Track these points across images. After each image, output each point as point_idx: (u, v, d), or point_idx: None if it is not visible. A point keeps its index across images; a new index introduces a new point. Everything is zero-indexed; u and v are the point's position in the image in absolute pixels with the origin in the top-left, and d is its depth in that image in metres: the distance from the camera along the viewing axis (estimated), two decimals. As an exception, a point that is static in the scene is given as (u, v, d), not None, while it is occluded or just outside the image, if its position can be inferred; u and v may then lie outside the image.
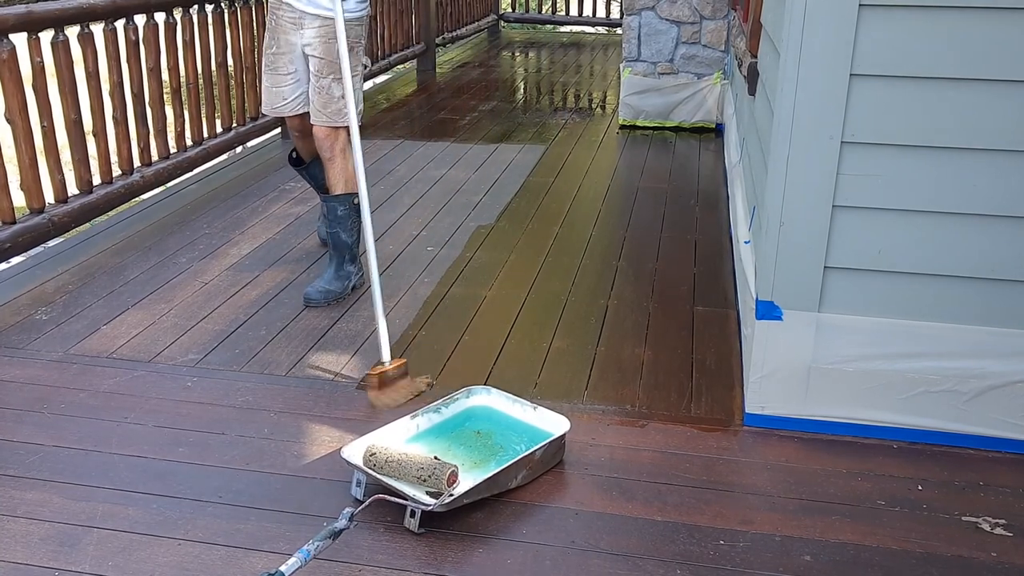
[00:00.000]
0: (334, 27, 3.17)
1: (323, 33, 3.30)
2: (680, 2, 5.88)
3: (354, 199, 3.36)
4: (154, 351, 3.02)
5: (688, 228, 4.26)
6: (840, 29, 2.27)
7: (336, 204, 3.40)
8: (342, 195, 3.39)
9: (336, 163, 3.39)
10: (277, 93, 3.45)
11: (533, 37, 10.86)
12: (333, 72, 3.30)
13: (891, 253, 2.42)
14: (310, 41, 3.33)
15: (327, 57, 3.31)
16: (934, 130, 2.32)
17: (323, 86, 3.33)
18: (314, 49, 3.33)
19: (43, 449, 2.48)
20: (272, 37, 3.39)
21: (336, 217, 3.40)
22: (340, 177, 3.40)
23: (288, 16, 3.32)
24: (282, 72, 3.41)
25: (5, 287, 3.53)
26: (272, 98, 3.47)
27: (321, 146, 3.39)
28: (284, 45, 3.36)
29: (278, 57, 3.39)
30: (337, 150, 3.39)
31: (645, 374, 2.92)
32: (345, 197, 3.39)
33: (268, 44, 3.41)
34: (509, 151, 5.59)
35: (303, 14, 3.30)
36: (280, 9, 3.33)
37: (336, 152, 3.39)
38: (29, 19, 3.53)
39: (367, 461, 2.25)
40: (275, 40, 3.38)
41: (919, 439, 2.54)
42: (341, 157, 3.39)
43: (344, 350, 3.06)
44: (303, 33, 3.33)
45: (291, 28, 3.34)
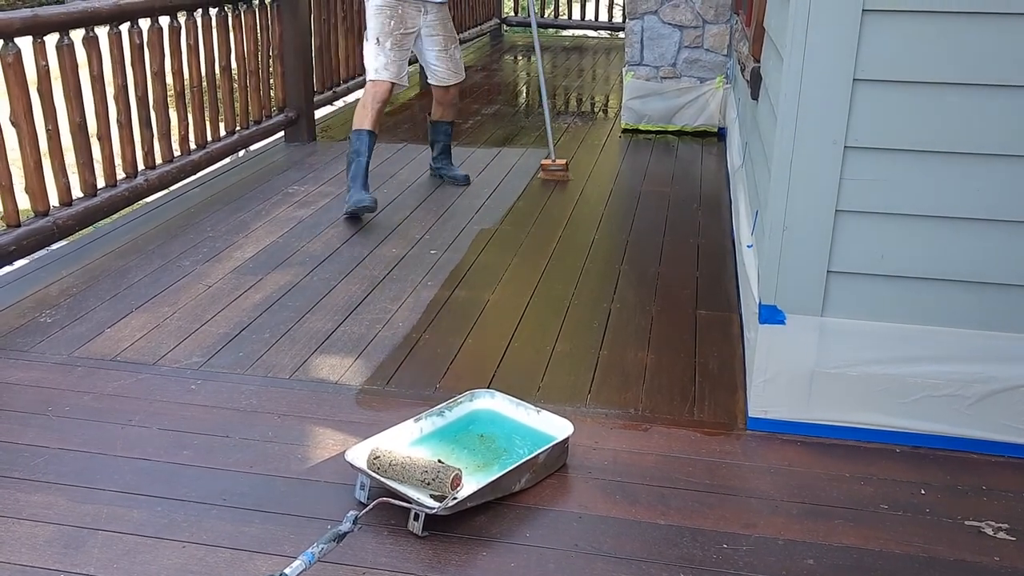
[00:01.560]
0: (446, 10, 4.53)
1: (442, 16, 4.52)
2: (683, 6, 5.89)
3: None
4: (158, 354, 3.03)
5: (691, 232, 4.27)
6: (843, 34, 2.27)
7: (450, 127, 4.94)
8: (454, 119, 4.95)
9: (455, 104, 4.84)
10: (401, 66, 4.44)
11: (536, 41, 10.85)
12: (454, 42, 4.62)
13: (894, 257, 2.43)
14: (433, 23, 4.48)
15: (448, 33, 4.57)
16: (937, 135, 2.32)
17: (451, 54, 4.60)
18: (437, 29, 4.50)
19: (48, 451, 2.48)
20: (400, 21, 4.36)
21: (448, 133, 4.94)
22: (456, 112, 4.94)
23: (413, 6, 4.40)
24: (406, 48, 4.44)
25: (10, 290, 3.54)
26: (396, 69, 4.41)
27: (451, 100, 4.78)
28: (411, 26, 4.39)
29: (406, 36, 4.40)
30: (455, 96, 4.80)
31: (648, 378, 2.93)
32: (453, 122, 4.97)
33: (395, 26, 4.33)
34: (512, 155, 5.60)
35: (425, 3, 4.42)
36: (405, 2, 4.36)
37: (455, 98, 4.81)
38: (34, 23, 3.55)
39: (371, 464, 2.26)
40: (403, 23, 4.37)
41: (922, 443, 2.55)
42: (458, 99, 4.87)
43: (348, 353, 3.06)
44: (426, 17, 4.46)
45: (416, 14, 4.42)
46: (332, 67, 6.27)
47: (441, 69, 4.59)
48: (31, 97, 3.57)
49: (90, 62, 3.94)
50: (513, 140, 5.99)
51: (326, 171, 5.19)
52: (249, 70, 5.21)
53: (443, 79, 4.63)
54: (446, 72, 4.60)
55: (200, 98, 4.86)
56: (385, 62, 4.36)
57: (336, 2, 6.22)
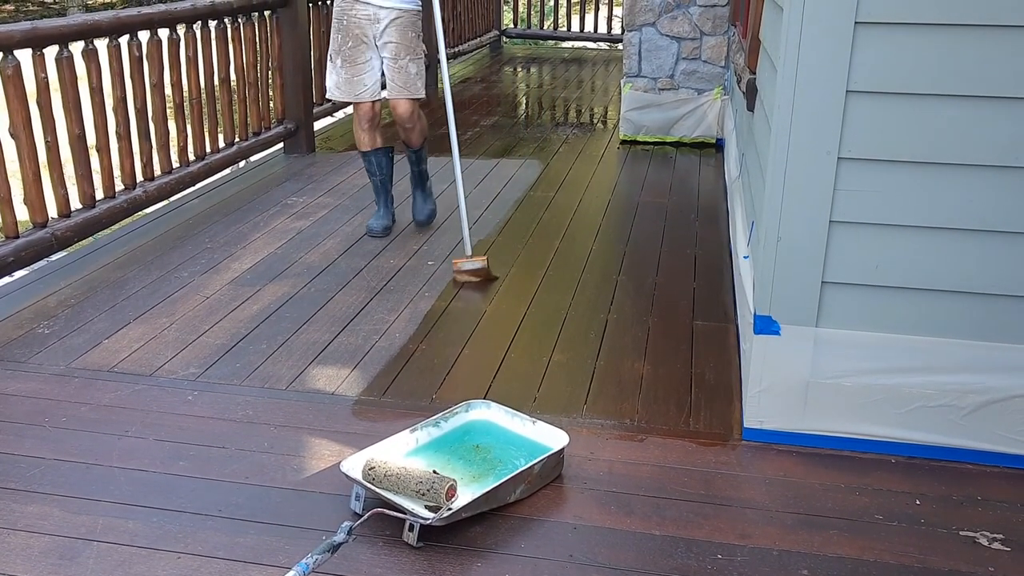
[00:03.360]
0: (407, 18, 4.01)
1: (399, 23, 4.02)
2: (680, 18, 5.92)
3: (425, 146, 4.42)
4: (155, 365, 3.04)
5: (688, 243, 4.28)
6: (836, 46, 2.29)
7: (422, 151, 4.40)
8: (423, 145, 4.38)
9: (416, 128, 4.25)
10: (359, 82, 4.07)
11: (535, 52, 10.92)
12: (409, 54, 4.05)
13: (888, 268, 2.43)
14: (386, 30, 4.00)
15: (403, 41, 4.03)
16: (930, 146, 2.33)
17: (401, 66, 4.05)
18: (390, 36, 4.01)
19: (44, 462, 2.49)
20: (347, 34, 4.01)
21: (422, 157, 4.41)
22: (420, 135, 4.32)
23: (363, 14, 3.99)
24: (360, 62, 4.04)
25: (8, 301, 3.55)
26: (354, 87, 4.08)
27: (404, 118, 4.16)
28: (360, 38, 4.00)
29: (356, 49, 4.02)
30: (416, 118, 4.21)
31: (644, 388, 2.93)
32: (424, 146, 4.39)
33: (343, 41, 4.01)
34: (510, 166, 5.62)
35: (379, 8, 3.97)
36: (352, 9, 3.98)
37: (415, 119, 4.21)
38: (34, 35, 3.57)
39: (366, 475, 2.26)
40: (350, 36, 4.00)
41: (917, 454, 2.55)
42: (419, 122, 4.24)
43: (344, 364, 3.07)
44: (378, 27, 4.00)
45: (366, 23, 4.00)
46: (331, 79, 6.28)
47: (389, 81, 4.12)
48: (30, 109, 3.59)
49: (89, 74, 3.96)
50: (511, 151, 6.01)
51: (325, 182, 5.21)
52: (248, 82, 5.23)
53: (391, 93, 4.14)
54: (392, 85, 4.10)
55: (199, 110, 4.88)
56: (337, 80, 4.10)
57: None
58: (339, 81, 4.08)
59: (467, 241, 3.94)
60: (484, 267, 3.77)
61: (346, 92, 4.10)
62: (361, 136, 4.25)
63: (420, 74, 4.11)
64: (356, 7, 3.96)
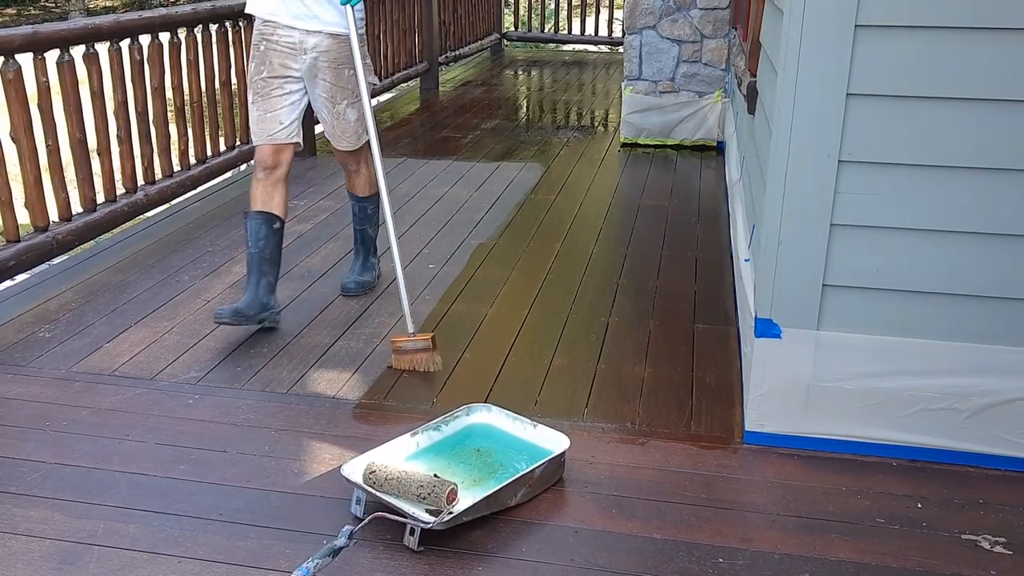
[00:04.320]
0: (341, 48, 3.21)
1: (331, 58, 3.23)
2: (681, 21, 5.92)
3: (377, 199, 3.62)
4: (156, 368, 3.04)
5: (689, 246, 4.28)
6: (837, 49, 2.29)
7: (367, 204, 3.67)
8: (370, 196, 3.65)
9: (361, 173, 3.61)
10: (273, 118, 3.26)
11: (536, 55, 10.92)
12: (347, 97, 3.31)
13: (889, 271, 2.43)
14: (316, 66, 3.22)
15: (337, 82, 3.27)
16: (931, 149, 2.33)
17: (339, 112, 3.34)
18: (322, 75, 3.25)
19: (45, 466, 2.49)
20: (263, 62, 3.22)
21: (366, 215, 3.68)
22: (365, 183, 3.63)
23: (286, 41, 3.19)
24: (276, 95, 3.25)
25: (9, 305, 3.55)
26: (267, 125, 3.26)
27: (345, 162, 3.57)
28: (279, 68, 3.22)
29: (270, 81, 3.23)
30: (361, 162, 3.58)
31: (645, 392, 2.93)
32: (372, 198, 3.65)
33: (257, 70, 3.24)
34: (511, 169, 5.62)
35: (305, 35, 3.18)
36: (275, 34, 3.19)
37: (361, 164, 3.58)
38: (35, 39, 3.57)
39: (367, 479, 2.26)
40: (267, 64, 3.22)
41: (918, 457, 2.55)
42: (365, 167, 3.59)
43: (345, 368, 3.07)
44: (305, 58, 3.21)
45: (288, 52, 3.20)
46: (332, 82, 6.28)
47: (325, 123, 3.41)
48: (31, 113, 3.59)
49: (90, 78, 3.96)
50: (512, 154, 6.01)
51: (325, 186, 5.21)
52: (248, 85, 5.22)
53: (330, 137, 3.45)
54: (331, 129, 3.40)
55: (200, 113, 4.88)
56: (251, 119, 3.30)
57: (336, 18, 6.24)
58: (253, 120, 3.29)
59: (408, 317, 3.18)
60: (428, 347, 3.05)
61: (259, 133, 3.27)
62: (255, 188, 3.30)
63: (362, 119, 3.33)
64: (278, 32, 3.18)
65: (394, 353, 3.09)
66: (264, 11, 3.20)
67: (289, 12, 3.18)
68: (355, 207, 3.69)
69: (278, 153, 3.29)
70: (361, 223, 3.70)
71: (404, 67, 7.67)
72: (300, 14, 3.17)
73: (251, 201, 3.30)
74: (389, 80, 7.32)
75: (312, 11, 3.17)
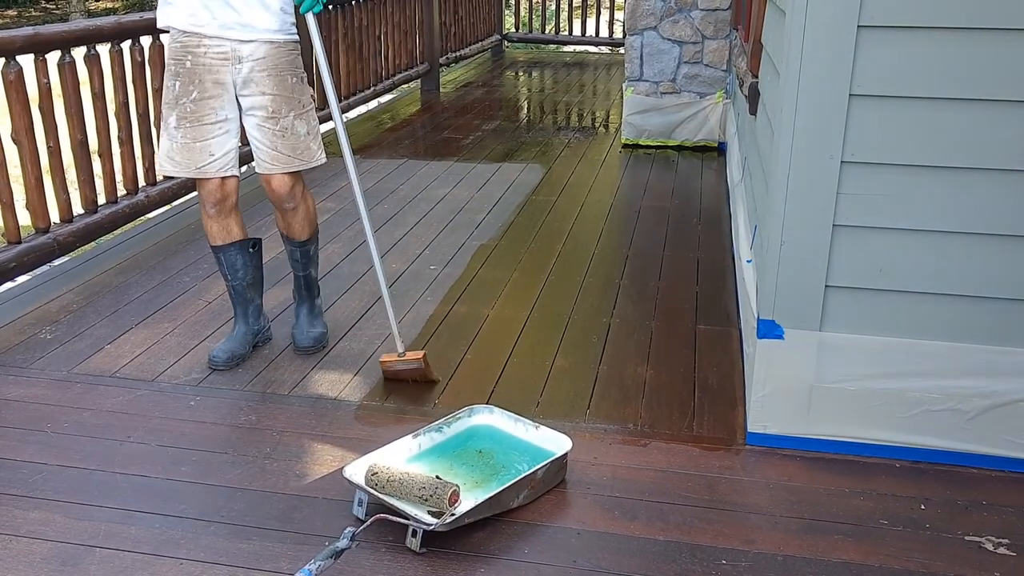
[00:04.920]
0: (282, 55, 2.81)
1: (270, 65, 2.79)
2: (682, 22, 5.91)
3: (318, 241, 3.20)
4: (157, 370, 3.03)
5: (691, 247, 4.27)
6: (839, 50, 2.28)
7: (309, 246, 3.14)
8: (313, 236, 3.14)
9: (300, 209, 3.03)
10: (203, 148, 2.82)
11: (536, 57, 10.92)
12: (293, 108, 2.85)
13: (892, 272, 2.43)
14: (251, 77, 2.79)
15: (281, 91, 2.81)
16: (934, 150, 2.33)
17: (284, 127, 2.84)
18: (263, 86, 2.80)
19: (47, 468, 2.48)
20: (190, 81, 2.78)
21: (309, 258, 3.15)
22: (305, 221, 3.08)
23: (216, 51, 2.76)
24: (208, 122, 2.81)
25: (10, 306, 3.54)
26: (195, 156, 2.83)
27: (282, 197, 2.96)
28: (211, 87, 2.78)
29: (202, 104, 2.79)
30: (300, 196, 3.01)
31: (647, 393, 2.92)
32: (314, 237, 3.15)
33: (182, 91, 2.79)
34: (512, 170, 5.62)
35: (238, 44, 2.76)
36: (200, 46, 2.76)
37: (299, 198, 3.01)
38: (36, 40, 3.57)
39: (369, 480, 2.26)
40: (195, 83, 2.78)
41: (922, 458, 2.54)
42: (304, 201, 3.04)
43: (347, 369, 3.06)
44: (240, 68, 2.78)
45: (220, 65, 2.77)
46: (333, 83, 6.28)
47: (261, 147, 2.88)
48: (32, 114, 3.59)
49: (91, 79, 3.96)
50: (514, 155, 6.01)
51: (327, 186, 5.21)
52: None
53: (262, 162, 2.91)
54: (271, 154, 2.87)
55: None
56: (169, 148, 2.85)
57: (336, 19, 6.26)
58: (172, 148, 2.84)
59: (396, 336, 2.99)
60: (420, 367, 2.91)
61: (183, 164, 2.85)
62: (209, 225, 2.99)
63: (314, 132, 2.92)
64: (204, 43, 2.75)
65: (384, 375, 2.95)
66: (184, 22, 2.76)
67: (216, 20, 2.74)
68: (295, 252, 3.13)
69: (224, 184, 2.92)
70: (304, 267, 3.17)
71: (405, 68, 7.67)
72: (229, 23, 2.74)
73: (209, 237, 3.02)
74: (390, 81, 7.33)
75: (244, 18, 2.74)
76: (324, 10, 6.01)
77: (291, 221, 3.07)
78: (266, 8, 2.77)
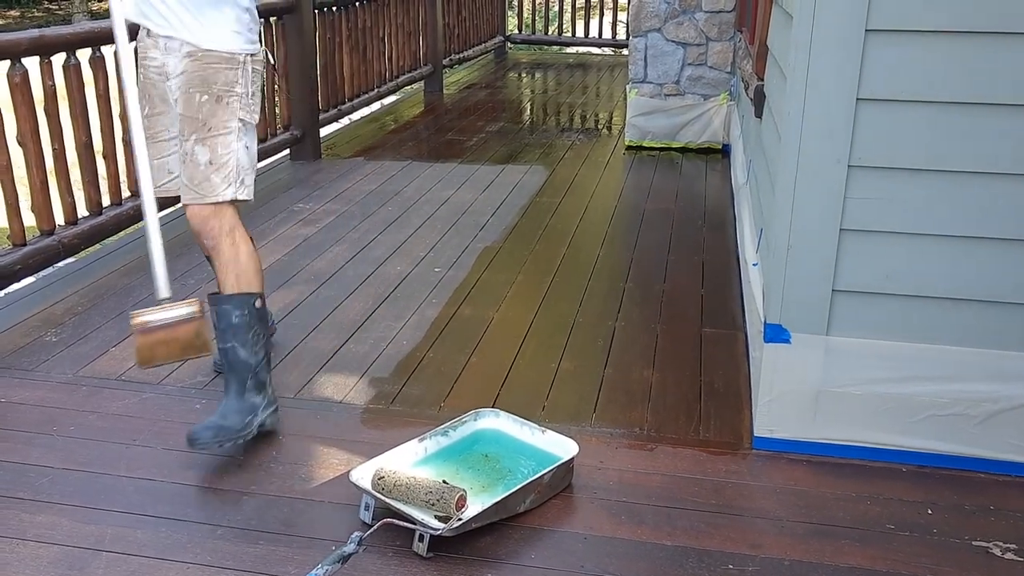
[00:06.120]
0: (197, 69, 2.47)
1: (186, 80, 2.49)
2: (686, 24, 5.91)
3: (254, 300, 2.51)
4: (162, 373, 3.03)
5: (695, 249, 4.27)
6: (846, 54, 2.28)
7: (230, 308, 2.48)
8: (236, 296, 2.50)
9: (223, 252, 2.52)
10: (160, 166, 2.64)
11: (539, 58, 10.92)
12: (196, 131, 2.48)
13: (899, 276, 2.42)
14: (174, 86, 2.53)
15: (187, 111, 2.49)
16: (942, 154, 2.32)
17: (186, 151, 2.51)
18: (179, 103, 2.51)
19: (53, 472, 2.48)
20: (144, 95, 2.60)
21: (230, 326, 2.48)
22: (230, 271, 2.51)
23: (153, 62, 2.54)
24: (162, 139, 2.64)
25: (15, 308, 3.54)
26: (155, 174, 2.61)
27: (199, 231, 2.55)
28: (159, 104, 2.60)
29: (154, 120, 2.62)
30: (221, 234, 2.51)
31: (653, 396, 2.92)
32: (241, 299, 2.49)
33: (141, 105, 2.57)
34: (516, 172, 5.61)
35: (166, 55, 2.52)
36: (146, 58, 2.56)
37: (221, 237, 2.51)
38: (41, 43, 3.57)
39: (376, 485, 2.25)
40: (146, 98, 2.60)
41: (929, 463, 2.53)
42: (229, 243, 2.51)
43: (352, 372, 3.06)
44: (170, 85, 2.54)
45: (157, 77, 2.56)
46: (337, 85, 6.29)
47: (181, 170, 2.57)
48: (37, 117, 3.59)
49: (96, 81, 3.96)
50: (517, 157, 6.01)
51: (331, 188, 5.21)
52: (254, 89, 5.22)
53: (180, 188, 2.60)
54: (181, 181, 2.57)
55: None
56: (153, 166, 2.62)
57: (341, 21, 6.26)
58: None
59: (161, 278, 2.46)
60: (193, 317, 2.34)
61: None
62: None
63: (220, 163, 2.48)
64: (150, 54, 2.55)
65: (139, 336, 2.34)
66: (132, 11, 2.52)
67: (155, 11, 2.49)
68: (212, 313, 2.52)
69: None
70: (226, 338, 2.50)
71: (408, 70, 7.67)
72: (162, 14, 2.49)
73: None
74: (393, 83, 7.33)
75: (172, 11, 2.47)
76: (328, 11, 6.01)
77: (214, 264, 2.56)
78: (195, 15, 2.47)
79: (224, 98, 2.48)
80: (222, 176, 2.49)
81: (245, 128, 2.55)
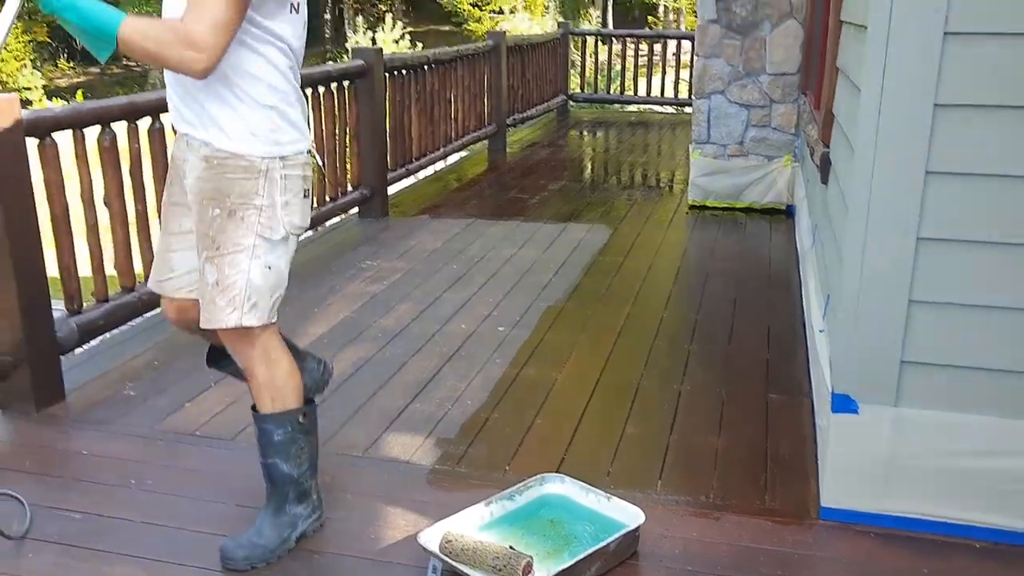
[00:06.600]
0: (217, 175, 2.18)
1: (202, 188, 2.22)
2: (750, 86, 5.96)
3: (298, 416, 2.39)
4: (236, 429, 3.11)
5: (761, 311, 4.26)
6: (915, 127, 2.29)
7: (271, 427, 2.37)
8: (276, 415, 2.37)
9: (256, 376, 2.35)
10: (163, 261, 2.42)
11: (601, 116, 11.04)
12: (206, 248, 2.23)
13: (971, 349, 2.40)
14: (190, 190, 2.27)
15: (200, 226, 2.24)
16: (1012, 227, 2.31)
17: (199, 268, 2.29)
18: (194, 212, 2.27)
19: (132, 525, 2.56)
20: (169, 180, 2.39)
21: (272, 443, 2.38)
22: (265, 393, 2.36)
23: (179, 151, 2.29)
24: (172, 231, 2.39)
25: (97, 362, 3.68)
26: (157, 266, 2.45)
27: (232, 353, 2.39)
28: (178, 193, 2.35)
29: (170, 209, 2.39)
30: (252, 360, 2.34)
31: (719, 463, 2.91)
32: (282, 417, 2.37)
33: (166, 189, 2.42)
34: (578, 230, 5.67)
35: (188, 142, 2.24)
36: (176, 146, 2.31)
37: (253, 363, 2.34)
38: (131, 109, 3.74)
39: (443, 548, 2.29)
40: (170, 184, 2.38)
41: (1003, 539, 2.48)
42: (263, 368, 2.34)
43: (419, 432, 3.11)
44: (186, 172, 2.27)
45: (181, 169, 2.29)
46: (405, 145, 6.45)
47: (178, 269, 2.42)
48: (123, 178, 3.75)
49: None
50: (579, 216, 6.07)
51: (397, 246, 5.32)
52: (327, 149, 5.39)
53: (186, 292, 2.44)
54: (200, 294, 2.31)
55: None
56: None
57: (410, 84, 6.43)
58: None
59: None
60: None
61: (152, 275, 2.49)
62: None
63: (226, 285, 2.22)
64: (177, 143, 2.31)
65: None
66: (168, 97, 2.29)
67: (172, 102, 2.24)
68: (256, 425, 2.42)
69: (182, 310, 2.46)
70: (268, 455, 2.40)
71: (474, 129, 7.83)
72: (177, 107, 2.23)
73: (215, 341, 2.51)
74: (459, 142, 7.49)
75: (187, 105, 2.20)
76: (399, 74, 6.19)
77: (250, 387, 2.41)
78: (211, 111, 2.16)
79: (238, 212, 2.19)
80: (227, 299, 2.23)
81: (268, 245, 2.23)
